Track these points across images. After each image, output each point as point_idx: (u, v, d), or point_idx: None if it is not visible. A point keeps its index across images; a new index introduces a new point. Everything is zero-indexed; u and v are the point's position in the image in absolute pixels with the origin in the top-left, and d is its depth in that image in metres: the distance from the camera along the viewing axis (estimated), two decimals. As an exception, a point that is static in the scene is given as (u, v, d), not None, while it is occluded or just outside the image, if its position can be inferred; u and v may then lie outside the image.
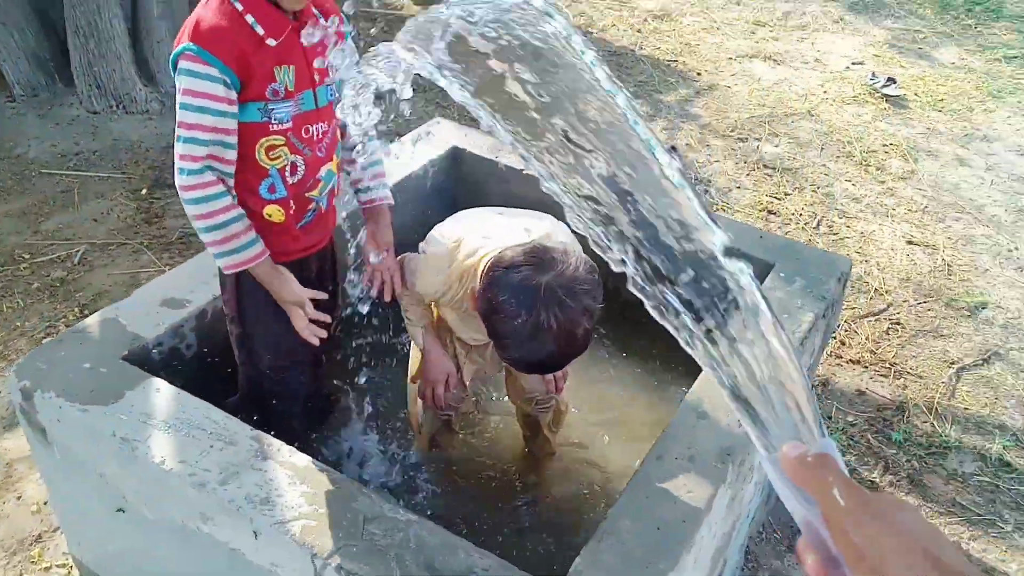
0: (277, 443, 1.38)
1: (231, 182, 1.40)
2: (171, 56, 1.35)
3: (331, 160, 1.52)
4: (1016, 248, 2.99)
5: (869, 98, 3.95)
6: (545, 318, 1.31)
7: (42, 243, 2.73)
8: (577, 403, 2.04)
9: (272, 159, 1.42)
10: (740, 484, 1.54)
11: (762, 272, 1.86)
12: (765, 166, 3.38)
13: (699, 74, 4.14)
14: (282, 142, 1.41)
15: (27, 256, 2.66)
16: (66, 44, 3.41)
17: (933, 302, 2.70)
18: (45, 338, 2.33)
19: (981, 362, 2.49)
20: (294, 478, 1.32)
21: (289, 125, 1.40)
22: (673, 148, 3.48)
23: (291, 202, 1.47)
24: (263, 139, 1.40)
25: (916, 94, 4.01)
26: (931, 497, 2.07)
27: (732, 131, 3.64)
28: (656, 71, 4.13)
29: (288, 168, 1.44)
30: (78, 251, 2.69)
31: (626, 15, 4.78)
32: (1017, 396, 2.38)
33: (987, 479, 2.13)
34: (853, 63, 4.30)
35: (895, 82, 4.01)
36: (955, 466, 2.15)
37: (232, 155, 1.37)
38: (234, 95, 1.33)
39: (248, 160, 1.40)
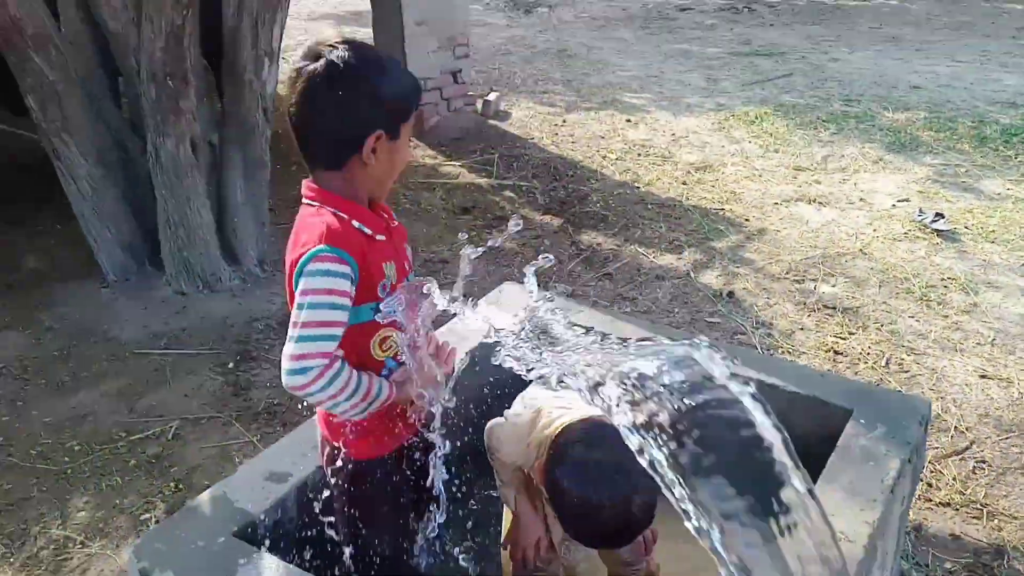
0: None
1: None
2: (301, 261, 1.38)
3: None
4: (1095, 376, 2.95)
5: (919, 234, 4.03)
6: (597, 496, 1.33)
7: (138, 421, 2.88)
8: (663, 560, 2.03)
9: (385, 351, 1.51)
10: None
11: (841, 419, 1.88)
12: (825, 306, 3.44)
13: (747, 220, 4.29)
14: (391, 333, 1.51)
15: (124, 434, 2.81)
16: (154, 232, 3.71)
17: (1016, 437, 2.65)
18: (143, 515, 2.43)
19: (1076, 505, 2.41)
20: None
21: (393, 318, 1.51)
22: (731, 294, 3.57)
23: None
24: (376, 334, 1.49)
25: (967, 227, 4.08)
26: (1047, 647, 1.97)
27: (787, 273, 3.73)
28: (705, 219, 4.29)
29: (397, 354, 1.54)
30: (172, 427, 2.83)
31: (669, 169, 5.02)
32: (1121, 533, 2.29)
33: (1104, 625, 2.03)
34: (899, 200, 4.42)
35: (943, 217, 4.09)
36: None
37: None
38: (353, 291, 1.42)
39: (364, 355, 1.48)
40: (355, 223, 1.45)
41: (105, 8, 3.51)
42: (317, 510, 1.75)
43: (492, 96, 6.06)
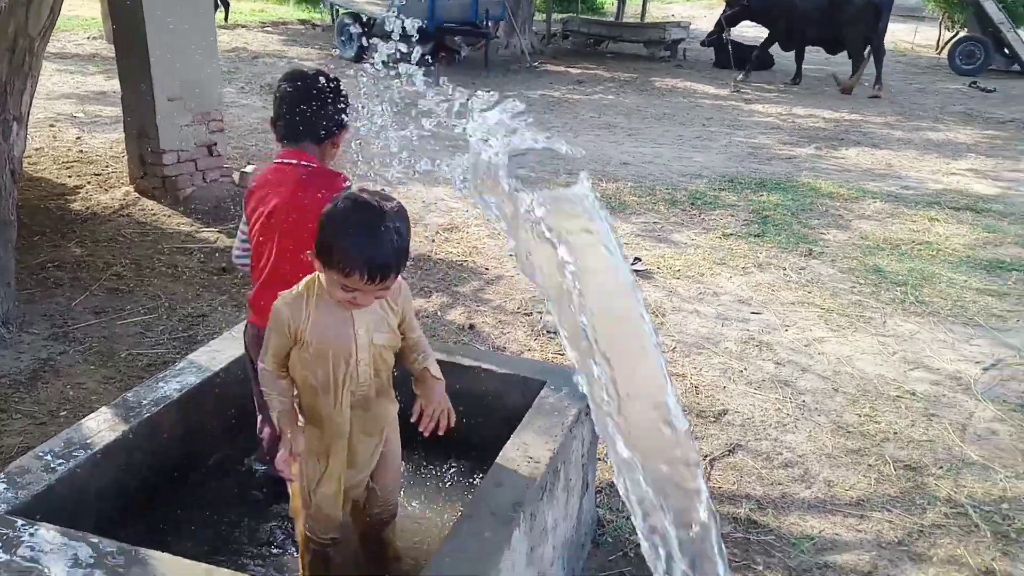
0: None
1: None
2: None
3: None
4: (745, 368, 3.77)
5: (623, 274, 4.84)
6: (357, 206, 1.71)
7: None
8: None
9: None
10: (537, 536, 1.98)
11: (538, 387, 2.40)
12: (547, 332, 4.05)
13: (487, 269, 4.89)
14: None
15: None
16: None
17: (687, 414, 3.35)
18: None
19: (727, 452, 3.12)
20: (175, 572, 1.61)
21: None
22: (472, 326, 4.09)
23: None
24: None
25: (659, 267, 4.96)
26: (701, 554, 2.57)
27: (519, 308, 4.34)
28: (451, 270, 4.84)
29: None
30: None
31: (420, 230, 5.55)
32: (756, 474, 3.00)
33: (740, 535, 2.67)
34: (608, 250, 5.25)
35: (640, 260, 4.95)
36: (716, 529, 2.69)
37: None
38: None
39: None
40: None
41: None
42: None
43: (249, 168, 6.32)
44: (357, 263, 1.68)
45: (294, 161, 2.27)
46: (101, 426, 2.12)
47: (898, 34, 19.07)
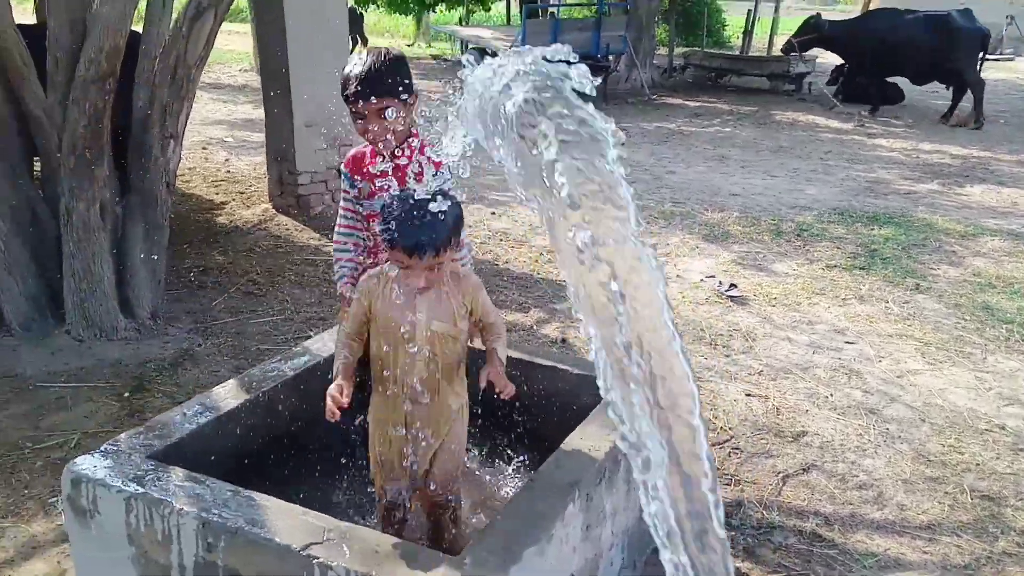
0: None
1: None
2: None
3: None
4: (832, 395, 3.82)
5: (718, 299, 4.95)
6: (413, 196, 2.02)
7: (42, 434, 3.29)
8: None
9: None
10: (594, 516, 2.17)
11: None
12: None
13: (584, 290, 5.11)
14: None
15: (30, 444, 3.22)
16: (56, 287, 4.16)
17: (765, 433, 3.45)
18: (51, 498, 2.85)
19: (802, 471, 3.20)
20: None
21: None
22: (564, 340, 4.32)
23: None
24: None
25: (755, 295, 5.04)
26: (760, 561, 2.68)
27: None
28: (550, 288, 5.09)
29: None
30: (74, 438, 3.26)
31: (525, 251, 5.85)
32: (828, 492, 3.07)
33: (804, 547, 2.76)
34: (706, 276, 5.36)
35: (736, 287, 5.04)
36: (780, 539, 2.79)
37: None
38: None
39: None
40: (366, 151, 2.52)
41: (27, 94, 4.06)
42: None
43: (372, 190, 6.82)
44: (398, 237, 1.99)
45: None
46: (227, 394, 2.48)
47: (1046, 69, 18.08)
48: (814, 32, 13.13)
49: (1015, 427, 3.53)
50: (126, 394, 3.65)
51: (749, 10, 17.92)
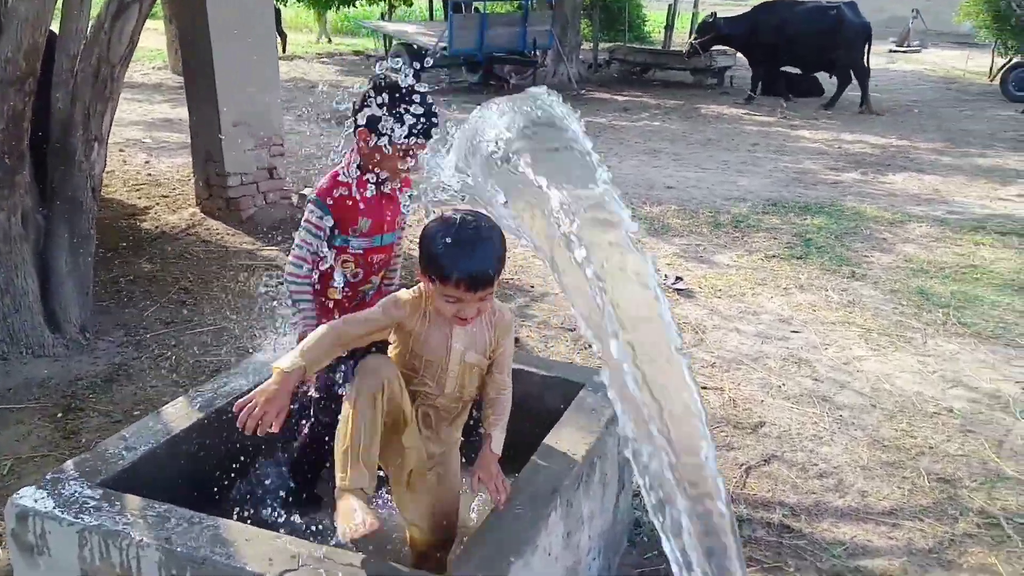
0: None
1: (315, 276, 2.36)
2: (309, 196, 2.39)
3: (380, 274, 2.50)
4: (784, 384, 3.86)
5: (665, 292, 4.96)
6: (455, 221, 1.84)
7: (-31, 463, 3.06)
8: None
9: (343, 266, 2.39)
10: (573, 523, 2.12)
11: (577, 388, 2.55)
12: (589, 346, 4.19)
13: (532, 287, 5.06)
14: (350, 259, 2.39)
15: (-45, 476, 2.98)
16: (-27, 304, 3.89)
17: (724, 426, 3.46)
18: (-17, 533, 2.64)
19: (763, 462, 3.22)
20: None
21: (360, 252, 2.37)
22: (516, 340, 4.25)
23: (348, 291, 2.42)
24: (342, 255, 2.38)
25: (700, 287, 5.08)
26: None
27: (563, 324, 4.49)
28: (498, 287, 5.01)
29: (351, 274, 2.41)
30: (7, 464, 3.03)
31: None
32: (791, 482, 3.09)
33: (773, 539, 2.77)
34: (651, 270, 5.37)
35: (682, 279, 5.07)
36: (748, 532, 2.79)
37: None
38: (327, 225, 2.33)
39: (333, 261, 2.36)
40: (352, 186, 2.30)
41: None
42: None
43: (307, 190, 6.62)
44: (457, 271, 1.80)
45: None
46: (178, 413, 2.33)
47: (950, 60, 18.94)
48: (712, 31, 13.45)
49: (961, 408, 3.64)
50: (59, 415, 3.43)
51: (670, 5, 18.20)
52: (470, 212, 1.89)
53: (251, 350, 4.05)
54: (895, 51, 20.60)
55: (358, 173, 2.34)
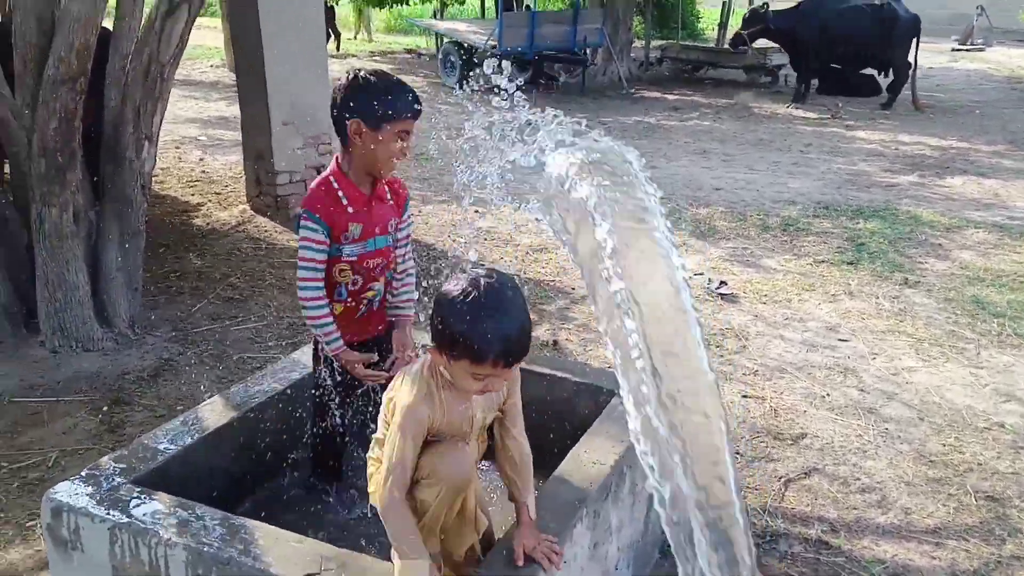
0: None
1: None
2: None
3: (381, 279, 2.41)
4: (828, 394, 3.76)
5: (708, 298, 4.88)
6: (477, 292, 1.62)
7: (18, 453, 3.15)
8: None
9: (341, 276, 2.32)
10: (601, 533, 2.09)
11: (608, 396, 2.52)
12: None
13: (573, 289, 5.03)
14: (347, 267, 2.31)
15: (5, 464, 3.07)
16: (29, 299, 4.00)
17: (764, 436, 3.39)
18: (29, 523, 2.72)
19: (803, 475, 3.14)
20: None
21: (354, 258, 2.30)
22: (555, 343, 4.23)
23: (351, 301, 2.35)
24: (337, 264, 2.30)
25: (745, 292, 4.98)
26: (768, 572, 2.61)
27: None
28: (538, 289, 5.00)
29: (350, 282, 2.33)
30: (51, 457, 3.12)
31: (511, 250, 5.75)
32: (831, 497, 3.01)
33: (810, 555, 2.70)
34: (695, 274, 5.29)
35: (727, 284, 4.99)
36: (785, 547, 2.72)
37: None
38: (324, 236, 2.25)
39: (329, 274, 2.29)
40: (339, 192, 2.24)
41: (-7, 97, 3.91)
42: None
43: (352, 189, 6.68)
44: (493, 349, 1.61)
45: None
46: (213, 412, 2.37)
47: (1016, 59, 18.28)
48: (761, 23, 13.16)
49: (1014, 424, 3.50)
50: (105, 408, 3.51)
51: (724, 2, 17.91)
52: (486, 273, 1.67)
53: (293, 348, 4.11)
54: (958, 49, 19.93)
55: (343, 177, 2.27)
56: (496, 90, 2.00)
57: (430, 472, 1.78)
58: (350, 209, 2.26)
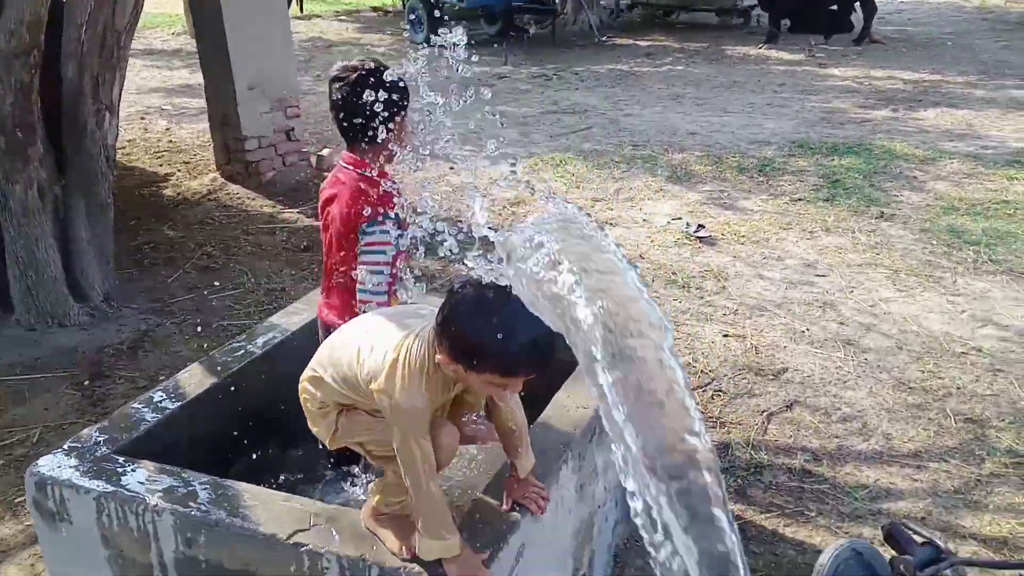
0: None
1: None
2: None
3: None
4: (808, 329, 3.80)
5: (686, 241, 4.89)
6: (496, 307, 1.51)
7: (2, 431, 3.13)
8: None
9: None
10: (587, 475, 2.11)
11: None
12: (609, 298, 4.16)
13: (551, 240, 5.01)
14: None
15: (-12, 444, 3.06)
16: (1, 277, 3.95)
17: (746, 372, 3.42)
18: (17, 499, 2.71)
19: (785, 408, 3.18)
20: (257, 500, 1.81)
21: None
22: (534, 295, 4.23)
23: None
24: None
25: (723, 234, 4.99)
26: (752, 502, 2.66)
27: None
28: (516, 242, 4.97)
29: None
30: (35, 433, 3.11)
31: (488, 204, 5.71)
32: (813, 427, 3.06)
33: (794, 484, 2.74)
34: (673, 219, 5.29)
35: (704, 227, 4.99)
36: (769, 478, 2.77)
37: None
38: None
39: None
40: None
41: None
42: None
43: (326, 151, 6.60)
44: (525, 363, 1.54)
45: (350, 167, 2.25)
46: (193, 379, 2.36)
47: (988, -12, 18.18)
48: None
49: (991, 348, 3.56)
50: (85, 383, 3.49)
51: (693, -56, 17.63)
52: (489, 286, 1.55)
53: (271, 312, 4.08)
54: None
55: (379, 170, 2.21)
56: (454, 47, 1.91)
57: None
58: (374, 198, 2.24)
